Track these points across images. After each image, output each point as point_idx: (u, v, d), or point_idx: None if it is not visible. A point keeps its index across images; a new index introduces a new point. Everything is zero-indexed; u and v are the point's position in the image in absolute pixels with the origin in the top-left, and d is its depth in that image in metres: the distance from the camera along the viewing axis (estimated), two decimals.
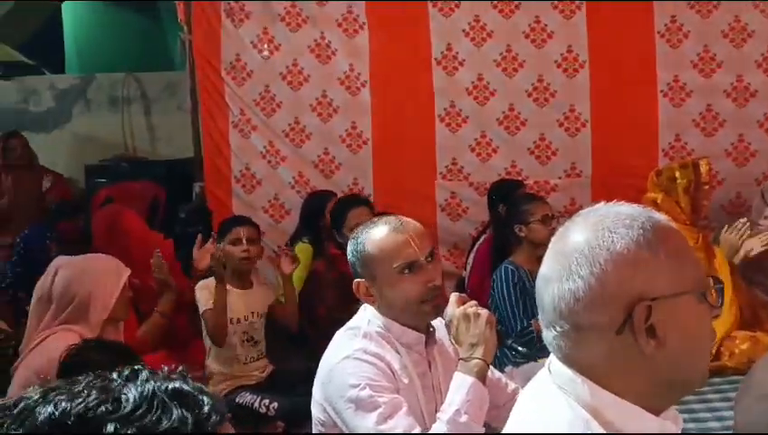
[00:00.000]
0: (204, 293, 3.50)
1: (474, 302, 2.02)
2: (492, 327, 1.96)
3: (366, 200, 4.00)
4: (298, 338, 3.87)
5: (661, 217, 1.12)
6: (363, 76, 4.83)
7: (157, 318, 3.35)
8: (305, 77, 4.88)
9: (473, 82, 4.77)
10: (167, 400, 0.74)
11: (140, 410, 0.73)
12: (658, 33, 4.66)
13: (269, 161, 4.95)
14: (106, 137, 6.58)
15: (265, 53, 4.89)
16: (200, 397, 0.76)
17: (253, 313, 3.62)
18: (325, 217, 4.42)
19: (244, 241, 3.58)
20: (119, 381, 0.76)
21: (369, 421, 1.86)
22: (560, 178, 4.78)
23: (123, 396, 0.74)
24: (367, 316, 2.06)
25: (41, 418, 0.72)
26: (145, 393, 0.74)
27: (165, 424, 0.72)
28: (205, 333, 3.53)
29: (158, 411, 0.73)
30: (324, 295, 3.51)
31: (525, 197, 3.89)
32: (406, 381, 1.98)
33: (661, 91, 4.68)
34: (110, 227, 3.73)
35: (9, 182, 5.11)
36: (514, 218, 3.61)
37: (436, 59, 4.78)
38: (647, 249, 1.06)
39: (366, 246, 2.00)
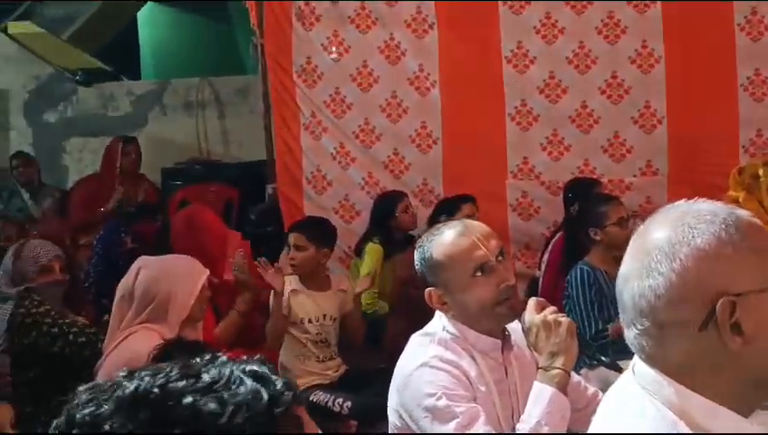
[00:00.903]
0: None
1: (553, 308, 1.97)
2: (573, 335, 1.91)
3: (472, 197, 4.08)
4: (371, 338, 3.89)
5: (744, 212, 1.09)
6: (433, 76, 4.83)
7: (234, 317, 3.42)
8: (375, 78, 4.90)
9: (544, 80, 4.71)
10: (243, 376, 0.78)
11: (218, 384, 0.77)
12: (738, 25, 4.50)
13: (339, 162, 5.00)
14: (181, 140, 6.74)
15: (335, 55, 4.93)
16: (274, 377, 0.80)
17: (325, 315, 3.64)
18: (396, 218, 4.43)
19: (292, 248, 3.62)
20: (199, 362, 0.81)
21: (446, 432, 1.84)
22: (635, 176, 4.68)
23: (203, 373, 0.78)
24: (441, 323, 2.03)
25: (126, 391, 0.76)
26: (223, 371, 0.78)
27: (240, 397, 0.76)
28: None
29: (234, 385, 0.77)
30: (416, 279, 3.52)
31: (600, 198, 3.80)
32: (483, 388, 1.94)
33: (741, 85, 4.53)
34: (190, 225, 3.82)
35: (120, 187, 5.28)
36: (589, 221, 3.53)
37: (506, 57, 4.74)
38: (729, 244, 1.03)
39: (433, 254, 1.97)
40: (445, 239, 1.98)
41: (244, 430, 0.74)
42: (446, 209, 4.18)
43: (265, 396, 0.77)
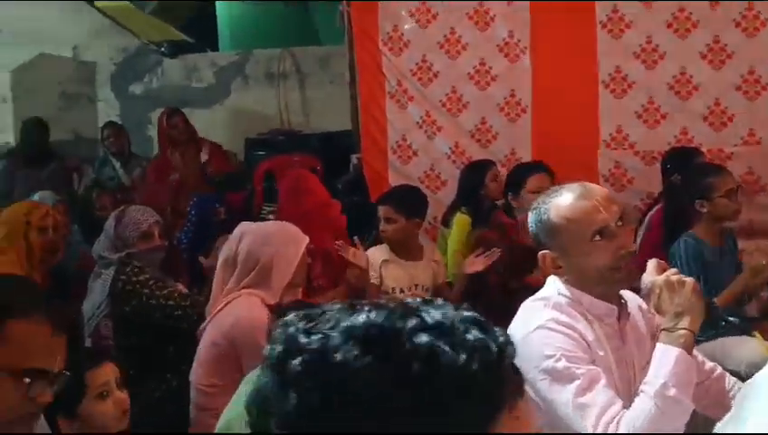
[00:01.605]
0: None
1: (675, 269, 1.91)
2: (698, 296, 1.84)
3: (545, 166, 3.88)
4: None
5: None
6: (523, 42, 4.70)
7: (343, 289, 3.42)
8: (463, 45, 4.81)
9: (640, 45, 4.52)
10: (467, 323, 0.74)
11: (444, 327, 0.72)
12: None
13: (425, 132, 4.94)
14: (263, 111, 6.79)
15: (413, 24, 4.84)
16: (496, 328, 0.76)
17: (417, 285, 3.60)
18: (485, 187, 4.35)
19: (382, 220, 3.58)
20: (415, 302, 0.77)
21: (566, 393, 1.79)
22: (735, 145, 4.47)
23: (425, 314, 0.74)
24: (555, 287, 1.98)
25: (357, 323, 0.73)
26: (445, 314, 0.74)
27: (469, 343, 0.72)
28: None
29: (460, 331, 0.73)
30: (495, 265, 3.45)
31: (707, 168, 3.62)
32: (601, 353, 1.89)
33: None
34: (296, 188, 3.84)
35: (177, 157, 5.36)
36: (695, 192, 3.36)
37: (600, 21, 4.57)
38: None
39: (551, 216, 1.92)
40: (564, 201, 1.92)
41: (477, 377, 0.70)
42: (515, 178, 3.99)
43: (494, 346, 0.73)
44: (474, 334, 0.73)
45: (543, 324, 1.88)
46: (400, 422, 0.68)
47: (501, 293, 3.38)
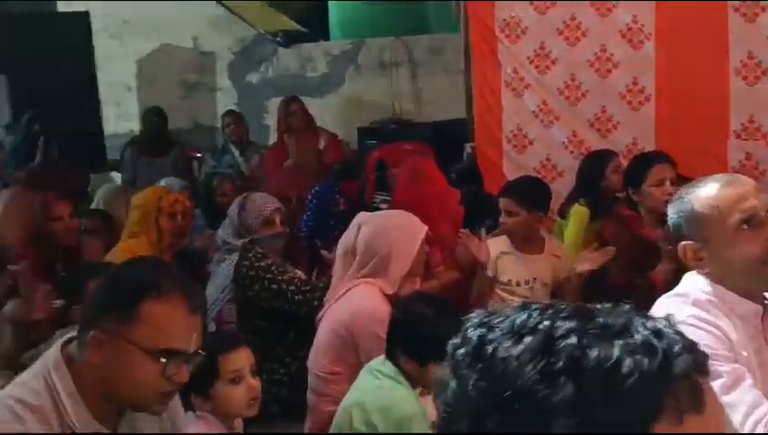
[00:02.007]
0: None
1: None
2: None
3: (668, 157, 3.70)
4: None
5: None
6: (648, 28, 4.50)
7: (434, 284, 3.39)
8: (583, 31, 4.65)
9: None
10: (640, 328, 0.73)
11: (609, 330, 0.72)
12: None
13: (542, 121, 4.82)
14: (375, 100, 6.82)
15: (532, 11, 4.72)
16: (676, 337, 0.74)
17: (535, 279, 3.52)
18: (606, 178, 4.21)
19: (503, 213, 3.50)
20: (597, 307, 0.76)
21: None
22: None
23: (597, 317, 0.74)
24: (696, 283, 1.88)
25: (517, 320, 0.75)
26: (618, 318, 0.73)
27: (629, 347, 0.70)
28: None
29: (626, 335, 0.71)
30: (617, 259, 3.33)
31: None
32: (744, 353, 1.79)
33: None
34: (414, 176, 3.84)
35: (293, 144, 5.44)
36: None
37: (732, 5, 4.32)
38: None
39: (694, 205, 1.83)
40: (709, 190, 1.83)
41: (625, 382, 0.68)
42: (636, 169, 3.80)
43: (660, 353, 0.70)
44: (638, 339, 0.71)
45: (684, 320, 1.78)
46: (545, 420, 0.68)
47: (623, 289, 3.25)
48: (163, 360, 1.55)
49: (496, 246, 3.50)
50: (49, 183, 5.02)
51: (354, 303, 2.72)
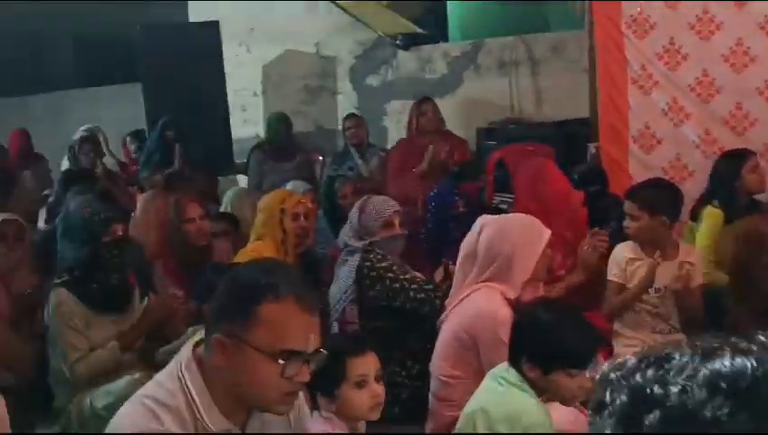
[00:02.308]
0: (611, 262, 3.38)
1: None
2: None
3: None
4: (711, 315, 3.54)
5: None
6: None
7: (560, 288, 3.31)
8: (717, 25, 4.43)
9: None
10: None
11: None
12: None
13: (671, 119, 4.62)
14: (495, 100, 6.75)
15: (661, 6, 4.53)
16: None
17: (666, 286, 3.36)
18: (741, 179, 3.99)
19: (627, 216, 3.37)
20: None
21: None
22: None
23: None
24: None
25: (721, 370, 0.68)
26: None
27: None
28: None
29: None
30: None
31: None
32: None
33: None
34: (536, 177, 3.78)
35: (422, 145, 5.42)
36: None
37: None
38: None
39: None
40: None
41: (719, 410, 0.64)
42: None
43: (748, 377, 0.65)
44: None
45: None
46: None
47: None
48: (281, 361, 1.56)
49: (625, 251, 3.38)
50: (182, 186, 5.27)
51: (475, 306, 2.69)
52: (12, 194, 5.52)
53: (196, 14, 7.63)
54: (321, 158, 6.55)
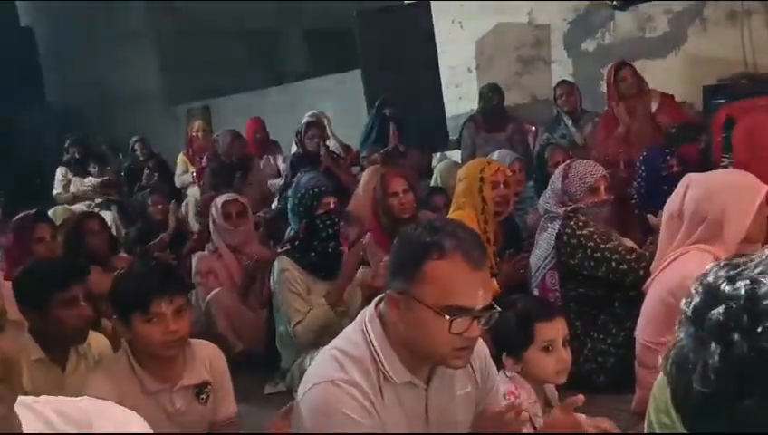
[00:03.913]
0: None
1: None
2: None
3: None
4: None
5: None
6: None
7: None
8: None
9: None
10: None
11: None
12: None
13: None
14: (724, 55, 6.21)
15: None
16: None
17: None
18: None
19: None
20: None
21: None
22: None
23: None
24: None
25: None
26: None
27: None
28: None
29: None
30: None
31: None
32: None
33: None
34: (752, 128, 3.49)
35: (622, 111, 5.21)
36: None
37: None
38: None
39: None
40: None
41: None
42: None
43: None
44: None
45: None
46: None
47: None
48: (449, 317, 1.60)
49: None
50: (397, 163, 5.48)
51: (684, 269, 2.53)
52: (248, 179, 6.08)
53: None
54: (533, 128, 6.46)
